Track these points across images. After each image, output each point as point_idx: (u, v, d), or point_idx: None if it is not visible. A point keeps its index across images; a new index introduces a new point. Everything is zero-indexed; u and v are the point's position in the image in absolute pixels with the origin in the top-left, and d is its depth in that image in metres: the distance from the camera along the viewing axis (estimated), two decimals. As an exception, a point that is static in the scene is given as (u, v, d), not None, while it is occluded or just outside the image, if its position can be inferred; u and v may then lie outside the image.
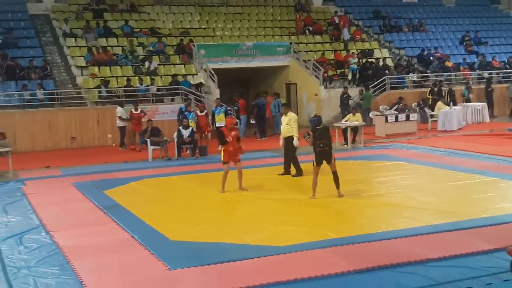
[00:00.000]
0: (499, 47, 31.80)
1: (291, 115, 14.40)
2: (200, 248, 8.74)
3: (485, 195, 11.59)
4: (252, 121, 23.51)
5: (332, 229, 9.37)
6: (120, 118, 20.41)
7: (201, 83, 23.77)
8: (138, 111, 20.37)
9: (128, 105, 20.79)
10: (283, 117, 14.47)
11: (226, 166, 12.64)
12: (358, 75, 26.18)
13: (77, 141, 21.31)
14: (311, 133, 11.71)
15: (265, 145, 20.35)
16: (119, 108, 20.48)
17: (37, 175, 15.65)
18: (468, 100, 25.59)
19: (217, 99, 21.42)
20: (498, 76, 28.04)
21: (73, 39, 25.07)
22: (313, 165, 11.65)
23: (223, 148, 12.73)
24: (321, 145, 11.51)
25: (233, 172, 12.81)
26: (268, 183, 13.61)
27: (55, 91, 21.85)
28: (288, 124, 14.14)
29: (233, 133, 12.53)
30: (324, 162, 11.59)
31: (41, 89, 21.58)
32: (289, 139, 14.14)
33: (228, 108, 21.23)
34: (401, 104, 23.65)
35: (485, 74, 27.88)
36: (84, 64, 23.71)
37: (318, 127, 11.73)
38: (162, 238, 9.33)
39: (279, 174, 14.52)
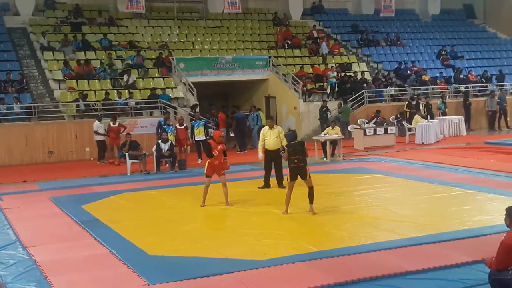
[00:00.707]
0: (475, 61, 32.29)
1: (279, 128, 14.48)
2: (179, 262, 8.68)
3: (463, 207, 11.69)
4: (232, 135, 23.51)
5: (312, 242, 9.37)
6: (96, 132, 20.27)
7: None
8: (116, 125, 20.26)
9: (106, 118, 20.67)
10: (268, 131, 14.29)
11: (208, 179, 12.54)
12: (336, 89, 26.35)
13: (55, 155, 21.12)
14: (285, 148, 11.68)
15: (245, 159, 20.34)
16: (96, 122, 20.35)
17: (14, 190, 15.45)
18: (444, 114, 25.89)
19: (197, 112, 21.40)
20: (474, 90, 28.43)
21: (50, 53, 24.90)
22: (287, 180, 11.61)
23: (208, 161, 12.65)
24: (295, 160, 11.33)
25: (214, 185, 12.77)
26: (248, 197, 13.59)
27: (32, 104, 21.66)
28: (277, 137, 14.11)
29: (219, 146, 12.47)
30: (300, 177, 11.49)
31: (18, 103, 21.37)
32: (277, 152, 13.87)
33: (208, 122, 21.20)
34: (379, 118, 23.85)
35: (462, 88, 28.25)
36: (61, 78, 23.54)
37: (293, 142, 11.61)
38: (141, 253, 9.25)
39: (259, 188, 14.55)
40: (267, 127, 14.41)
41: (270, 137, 14.20)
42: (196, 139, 19.54)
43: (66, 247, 9.78)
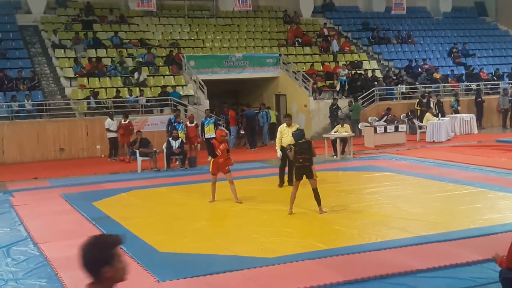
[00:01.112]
0: (486, 59, 32.07)
1: (296, 126, 14.28)
2: (189, 259, 8.70)
3: (474, 206, 11.64)
4: (242, 132, 23.51)
5: (322, 240, 9.37)
6: (108, 129, 20.35)
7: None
8: (127, 122, 20.32)
9: (117, 116, 20.75)
10: (285, 128, 14.08)
11: (214, 177, 12.74)
12: (347, 87, 26.29)
13: (66, 152, 21.22)
14: (293, 147, 11.63)
15: (255, 156, 20.34)
16: (108, 120, 20.44)
17: (25, 187, 15.55)
18: (456, 111, 25.75)
19: (206, 110, 21.44)
20: (486, 88, 28.26)
21: (62, 50, 25.00)
22: (293, 179, 11.56)
23: (212, 159, 12.73)
24: (301, 160, 11.24)
25: (224, 183, 12.80)
26: (258, 194, 13.59)
27: (43, 102, 21.77)
28: None
29: (222, 146, 12.55)
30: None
31: (30, 100, 21.50)
32: None
33: (218, 119, 21.22)
34: (389, 115, 23.76)
35: (473, 86, 28.08)
36: (73, 75, 23.65)
37: (300, 141, 11.49)
38: (151, 250, 9.28)
39: (279, 186, 14.44)
40: (284, 124, 14.23)
41: (287, 135, 13.95)
42: (206, 136, 19.54)
43: (77, 244, 9.62)
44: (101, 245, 3.45)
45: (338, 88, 26.25)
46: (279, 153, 14.24)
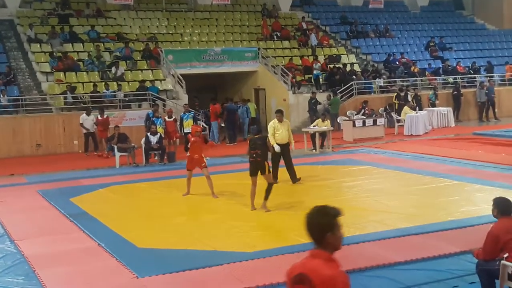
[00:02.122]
0: (463, 52, 32.37)
1: (287, 121, 14.18)
2: (169, 255, 8.68)
3: (451, 198, 11.77)
4: (222, 125, 23.40)
5: (301, 234, 9.27)
6: (81, 125, 20.16)
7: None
8: (104, 117, 20.14)
9: (95, 111, 20.57)
10: (278, 124, 13.71)
11: (189, 172, 12.88)
12: (321, 81, 26.36)
13: (42, 148, 20.98)
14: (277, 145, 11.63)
15: (234, 151, 20.30)
16: (82, 115, 20.23)
17: (2, 183, 15.35)
18: (434, 105, 25.97)
19: (185, 104, 21.34)
20: (463, 81, 28.53)
21: (38, 45, 24.69)
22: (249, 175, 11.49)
23: (188, 155, 12.80)
24: (254, 155, 11.24)
25: (201, 178, 12.79)
26: (237, 189, 13.56)
27: (19, 97, 21.48)
28: (288, 130, 13.80)
29: (193, 139, 12.70)
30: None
31: (5, 95, 21.20)
32: (286, 146, 13.86)
33: (197, 114, 21.11)
34: (366, 109, 23.85)
35: (450, 79, 28.33)
36: (49, 70, 23.37)
37: (255, 136, 11.51)
38: (130, 246, 9.23)
39: (294, 183, 13.95)
40: (276, 120, 13.78)
41: (281, 131, 13.67)
42: (185, 131, 19.47)
43: (55, 240, 9.75)
44: (326, 214, 4.02)
45: (319, 82, 26.29)
46: (277, 147, 13.56)
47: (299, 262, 3.92)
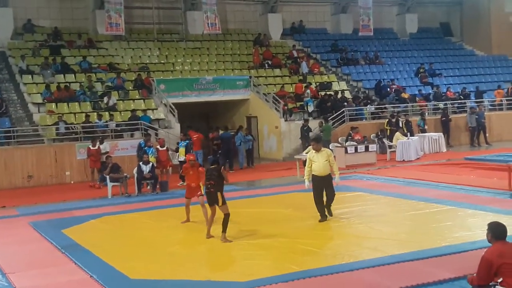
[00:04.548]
0: (453, 78, 32.65)
1: (327, 151, 12.79)
2: (162, 285, 8.60)
3: (444, 224, 11.74)
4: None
5: (295, 262, 9.33)
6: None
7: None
8: (96, 147, 20.09)
9: (86, 141, 20.54)
10: (314, 154, 12.52)
11: (187, 200, 12.90)
12: (312, 108, 26.48)
13: (34, 179, 20.87)
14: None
15: (231, 178, 20.12)
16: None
17: (-7, 215, 15.22)
18: (423, 130, 26.10)
19: (181, 133, 21.20)
20: (453, 107, 28.74)
21: (29, 76, 24.74)
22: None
23: (186, 183, 12.82)
24: (208, 186, 11.24)
25: (197, 206, 12.75)
26: (230, 217, 13.46)
27: (11, 128, 21.44)
28: (327, 160, 12.44)
29: (184, 165, 12.89)
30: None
31: (-3, 127, 21.18)
32: (328, 178, 12.54)
33: (191, 143, 20.97)
34: (353, 134, 23.71)
35: (441, 105, 28.54)
36: (41, 101, 23.38)
37: (211, 167, 11.48)
38: (122, 277, 9.13)
39: (319, 221, 12.57)
40: (312, 150, 12.76)
41: (318, 161, 12.46)
42: (179, 159, 19.45)
43: (46, 273, 9.64)
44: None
45: (309, 109, 26.40)
46: (306, 184, 12.81)
47: None
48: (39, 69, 25.17)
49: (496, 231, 6.42)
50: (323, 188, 12.54)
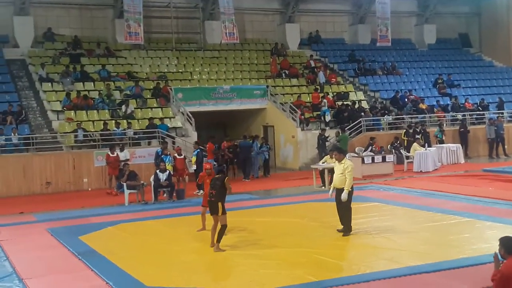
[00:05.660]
0: (471, 89, 32.45)
1: (347, 162, 12.19)
2: (177, 293, 8.60)
3: (462, 236, 11.64)
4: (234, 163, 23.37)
5: (311, 272, 9.30)
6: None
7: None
8: (115, 155, 20.23)
9: (104, 149, 20.69)
10: (336, 164, 12.34)
11: (203, 209, 12.84)
12: (330, 118, 26.45)
13: (52, 186, 21.06)
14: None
15: (244, 187, 20.22)
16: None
17: (11, 221, 15.36)
18: (441, 141, 25.93)
19: (195, 142, 21.33)
20: (471, 118, 28.54)
21: (49, 84, 25.02)
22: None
23: (203, 192, 12.86)
24: (210, 195, 11.32)
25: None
26: (245, 226, 13.50)
27: (30, 135, 21.67)
28: (342, 174, 12.02)
29: (200, 174, 13.02)
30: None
31: (16, 134, 21.39)
32: (341, 192, 12.05)
33: (203, 151, 21.03)
34: (374, 145, 23.65)
35: (459, 116, 28.36)
36: (60, 109, 23.62)
37: (216, 176, 11.55)
38: (138, 284, 9.16)
39: (338, 231, 12.30)
40: (333, 159, 12.47)
41: (336, 172, 12.20)
42: (193, 168, 19.53)
43: (63, 279, 9.70)
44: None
45: (326, 119, 26.39)
46: (330, 192, 12.44)
47: None
48: (59, 77, 25.45)
49: (508, 246, 6.36)
50: (339, 200, 12.16)
